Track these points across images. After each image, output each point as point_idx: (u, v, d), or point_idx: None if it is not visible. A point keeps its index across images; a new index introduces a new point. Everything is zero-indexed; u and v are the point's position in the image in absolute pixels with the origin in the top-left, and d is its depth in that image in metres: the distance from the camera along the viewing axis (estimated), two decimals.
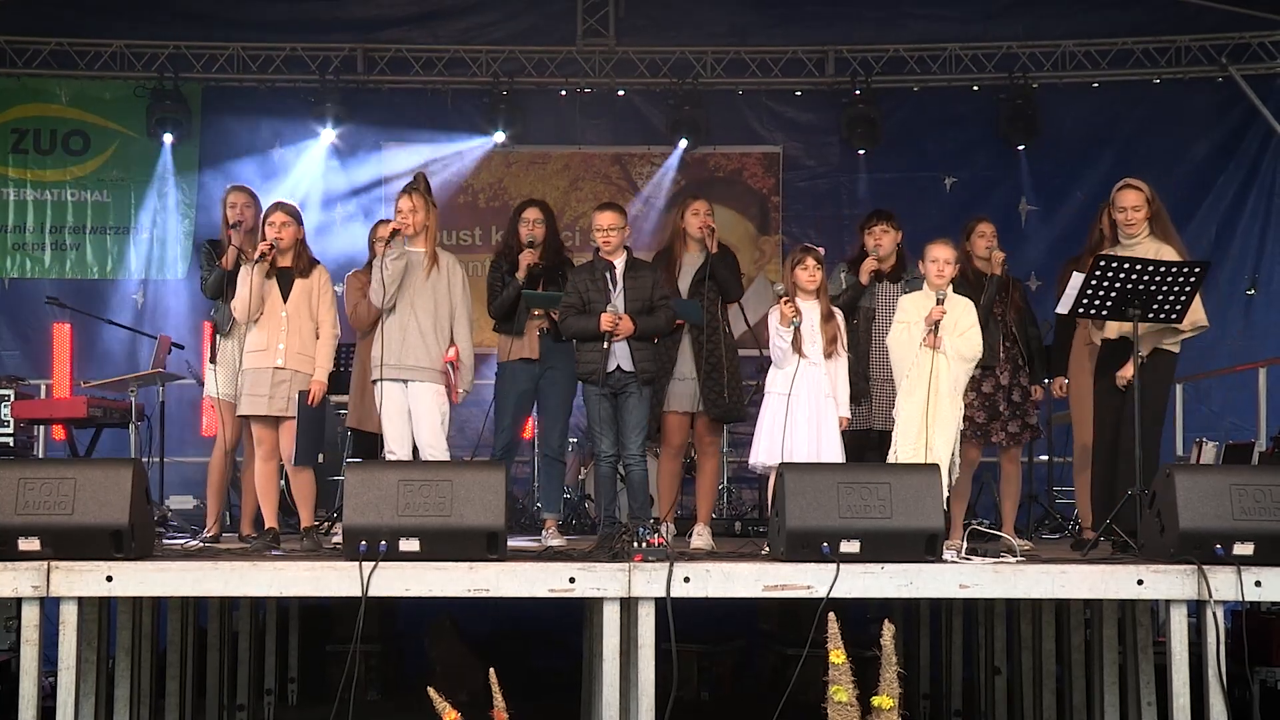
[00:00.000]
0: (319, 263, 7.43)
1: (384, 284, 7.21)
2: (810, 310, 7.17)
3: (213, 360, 7.79)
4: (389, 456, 7.24)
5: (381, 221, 8.64)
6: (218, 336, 7.78)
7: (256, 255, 7.20)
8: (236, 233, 7.67)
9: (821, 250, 7.55)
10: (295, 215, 7.36)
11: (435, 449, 7.20)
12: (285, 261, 7.27)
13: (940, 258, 7.11)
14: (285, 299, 7.22)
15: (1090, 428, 7.91)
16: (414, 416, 7.23)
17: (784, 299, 7.12)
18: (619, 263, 7.48)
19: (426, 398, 7.23)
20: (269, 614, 9.09)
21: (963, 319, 7.07)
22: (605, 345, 7.31)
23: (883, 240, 7.96)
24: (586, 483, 10.63)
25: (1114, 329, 7.20)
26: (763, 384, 7.41)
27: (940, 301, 6.98)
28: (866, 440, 7.93)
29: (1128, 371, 7.06)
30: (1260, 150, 12.12)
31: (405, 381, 7.23)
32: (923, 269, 7.23)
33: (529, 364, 8.06)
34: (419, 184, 7.43)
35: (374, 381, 7.32)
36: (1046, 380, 8.31)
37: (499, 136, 12.35)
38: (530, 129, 12.47)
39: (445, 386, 7.32)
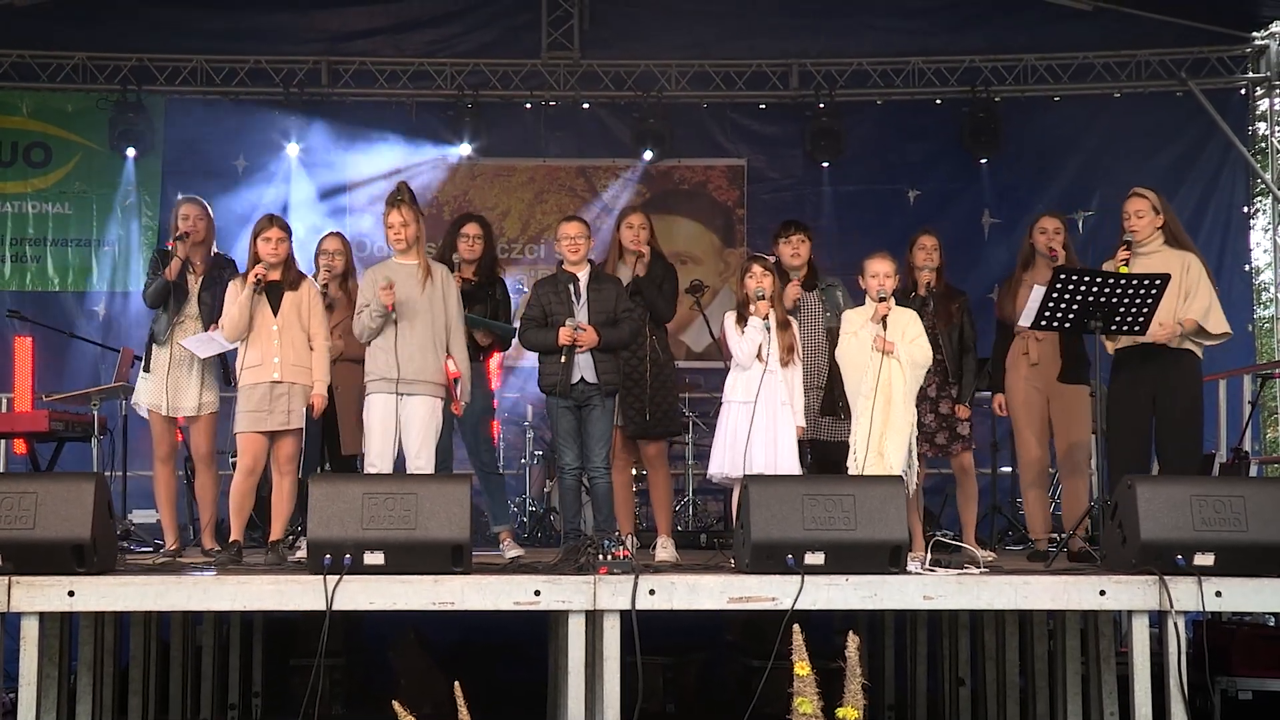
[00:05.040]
0: (306, 275, 7.44)
1: (362, 328, 7.21)
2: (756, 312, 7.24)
3: (147, 369, 7.74)
4: (369, 470, 7.19)
5: (331, 234, 8.55)
6: (152, 345, 7.73)
7: (252, 280, 7.15)
8: (183, 244, 7.64)
9: (771, 258, 7.61)
10: (289, 231, 7.37)
11: (423, 461, 7.16)
12: (275, 275, 7.27)
13: (880, 272, 7.17)
14: (275, 313, 7.22)
15: (1032, 442, 7.94)
16: (406, 428, 7.14)
17: (761, 299, 7.19)
18: (583, 275, 7.49)
19: (422, 411, 7.16)
20: (233, 628, 9.04)
21: (910, 327, 7.15)
22: (563, 359, 7.32)
23: (801, 250, 8.01)
24: (551, 495, 10.61)
25: (1128, 338, 7.23)
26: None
27: (883, 300, 7.05)
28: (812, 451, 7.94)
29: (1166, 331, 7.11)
30: (1219, 163, 12.22)
31: (400, 395, 7.18)
32: (863, 284, 7.28)
33: None
34: (405, 195, 7.35)
35: (367, 394, 7.29)
36: (988, 394, 8.30)
37: (464, 149, 12.34)
38: (495, 141, 12.46)
39: (445, 400, 7.26)
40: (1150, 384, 7.21)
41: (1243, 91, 12.40)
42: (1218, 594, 6.04)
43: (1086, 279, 6.97)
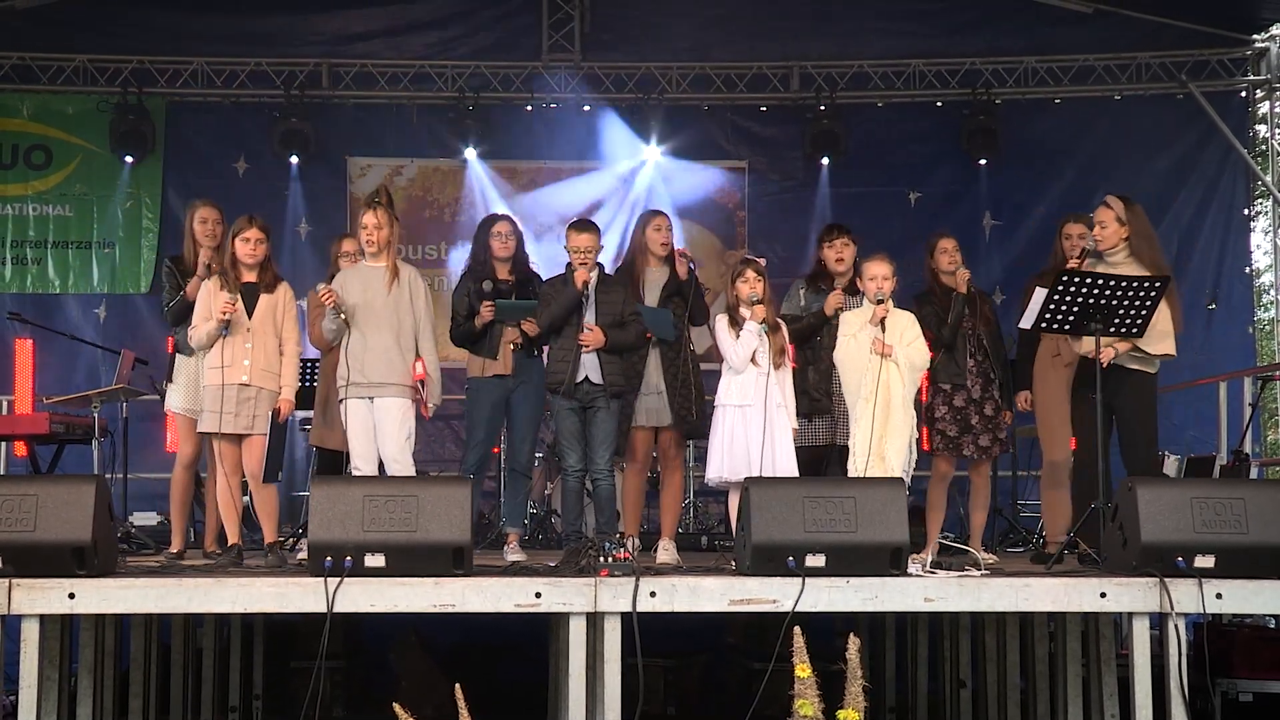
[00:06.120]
0: (283, 279, 7.41)
1: (331, 336, 7.30)
2: (748, 315, 7.25)
3: (170, 379, 7.75)
4: (354, 473, 7.20)
5: (344, 237, 8.59)
6: (177, 355, 7.74)
7: (221, 317, 7.08)
8: (206, 250, 7.63)
9: (762, 261, 7.62)
10: (268, 232, 7.35)
11: (400, 463, 7.16)
12: (251, 277, 7.23)
13: (879, 274, 7.19)
14: (250, 314, 7.18)
15: (1058, 443, 7.97)
16: (379, 431, 7.17)
17: (756, 303, 7.20)
18: (592, 277, 7.48)
19: (392, 412, 7.18)
20: (233, 631, 9.04)
21: (907, 330, 7.17)
22: (581, 322, 7.29)
23: (844, 254, 8.00)
24: (553, 497, 10.61)
25: (1088, 347, 7.23)
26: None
27: (880, 303, 7.06)
28: (830, 455, 7.95)
29: (1107, 354, 7.05)
30: (1220, 166, 12.24)
31: (371, 398, 7.19)
32: (861, 286, 7.29)
33: (502, 380, 8.01)
34: (382, 197, 7.38)
35: (340, 401, 7.30)
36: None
37: (470, 153, 12.35)
38: (496, 144, 12.47)
39: (414, 402, 7.28)
40: (1106, 398, 7.19)
41: (1243, 94, 12.42)
42: (1218, 596, 6.03)
43: (1088, 281, 6.96)
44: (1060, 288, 6.98)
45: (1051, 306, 7.03)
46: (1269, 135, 12.41)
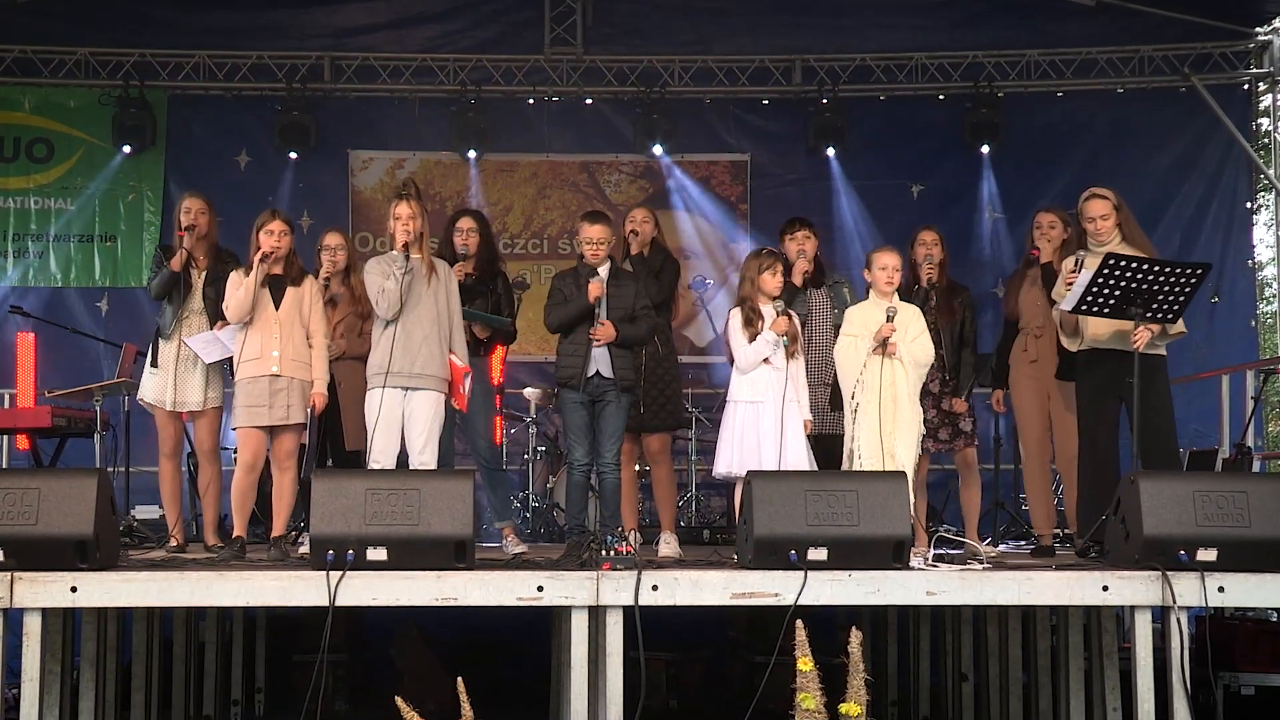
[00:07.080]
0: (308, 272, 7.44)
1: (394, 297, 7.07)
2: (770, 314, 7.25)
3: (154, 364, 7.74)
4: (373, 466, 7.17)
5: (333, 230, 8.54)
6: (158, 339, 7.73)
7: (257, 258, 7.15)
8: (190, 235, 7.64)
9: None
10: (291, 225, 7.38)
11: (427, 456, 7.13)
12: (277, 270, 7.27)
13: (889, 264, 7.19)
14: (277, 307, 7.21)
15: (1035, 438, 7.95)
16: (411, 423, 7.09)
17: (780, 313, 7.19)
18: (603, 271, 7.46)
19: (429, 405, 7.13)
20: (235, 624, 9.05)
21: (913, 325, 7.15)
22: (593, 320, 7.28)
23: (805, 246, 8.01)
24: (555, 491, 10.61)
25: (1097, 334, 7.19)
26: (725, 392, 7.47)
27: (890, 318, 7.03)
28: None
29: (1143, 338, 6.99)
30: (1222, 159, 12.22)
31: (406, 390, 7.15)
32: (868, 277, 7.28)
33: None
34: (411, 189, 7.33)
35: (370, 390, 7.27)
36: (982, 390, 8.32)
37: (471, 155, 12.36)
38: (498, 137, 12.46)
39: (452, 395, 7.27)
40: (1120, 387, 7.15)
41: (1245, 87, 12.38)
42: (1220, 590, 6.04)
43: (1134, 265, 6.86)
44: (1106, 271, 6.89)
45: (1094, 290, 6.95)
46: (1272, 128, 12.39)
